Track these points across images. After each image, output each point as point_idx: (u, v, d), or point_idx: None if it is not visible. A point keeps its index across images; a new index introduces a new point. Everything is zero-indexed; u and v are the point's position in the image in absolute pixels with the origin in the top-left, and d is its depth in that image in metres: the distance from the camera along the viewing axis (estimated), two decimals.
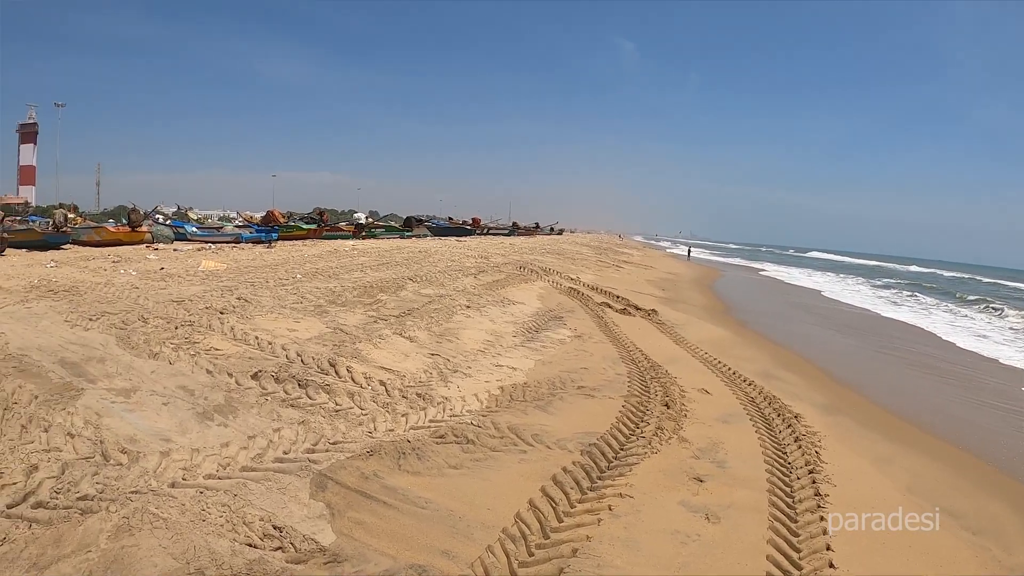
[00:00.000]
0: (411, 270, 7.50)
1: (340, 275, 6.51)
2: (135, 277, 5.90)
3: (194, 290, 5.10)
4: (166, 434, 2.34)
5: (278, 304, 4.66)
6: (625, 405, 3.00)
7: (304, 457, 2.27)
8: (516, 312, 5.73)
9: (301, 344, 3.63)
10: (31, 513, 1.68)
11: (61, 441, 2.11)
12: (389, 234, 16.86)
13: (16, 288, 4.73)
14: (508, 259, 10.12)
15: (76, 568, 1.49)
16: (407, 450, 2.42)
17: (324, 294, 5.27)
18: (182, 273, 6.25)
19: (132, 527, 1.69)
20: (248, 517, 1.83)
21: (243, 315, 4.19)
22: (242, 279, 5.91)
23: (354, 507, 1.99)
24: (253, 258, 8.28)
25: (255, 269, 6.83)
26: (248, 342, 3.59)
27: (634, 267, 14.08)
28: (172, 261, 7.64)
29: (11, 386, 2.43)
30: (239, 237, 12.05)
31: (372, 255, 9.38)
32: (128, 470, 2.02)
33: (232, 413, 2.60)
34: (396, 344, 4.07)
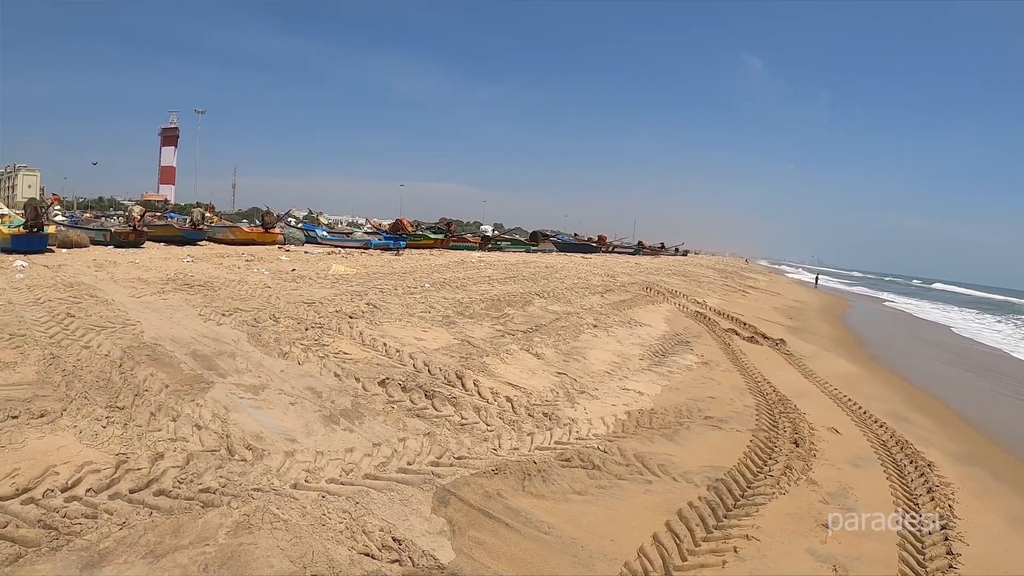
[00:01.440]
0: (538, 285, 15.16)
1: (468, 287, 13.58)
2: (267, 277, 13.03)
3: (324, 293, 11.09)
4: (292, 434, 4.98)
5: (407, 312, 9.84)
6: (753, 440, 6.11)
7: (428, 470, 4.64)
8: (643, 334, 11.30)
9: (428, 354, 7.55)
10: (153, 500, 3.81)
11: (188, 432, 4.76)
12: (515, 247, 36.97)
13: (153, 280, 11.71)
14: (634, 279, 20.22)
15: (192, 560, 3.28)
16: (532, 471, 4.81)
17: (452, 305, 10.88)
18: (313, 275, 13.81)
19: (252, 525, 3.62)
20: (368, 526, 3.77)
21: (372, 321, 8.93)
22: (371, 285, 12.68)
23: (475, 526, 4.02)
24: (382, 265, 18.06)
25: (384, 276, 14.72)
26: (376, 348, 7.57)
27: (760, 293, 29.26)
28: (303, 263, 17.01)
29: (143, 373, 5.83)
30: (368, 243, 27.73)
31: (499, 268, 19.62)
32: (252, 467, 4.36)
33: (358, 418, 5.46)
34: (523, 360, 8.02)
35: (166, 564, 3.25)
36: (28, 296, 8.92)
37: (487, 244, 34.69)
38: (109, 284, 10.78)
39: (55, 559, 3.21)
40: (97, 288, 10.12)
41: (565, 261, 27.68)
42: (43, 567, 3.14)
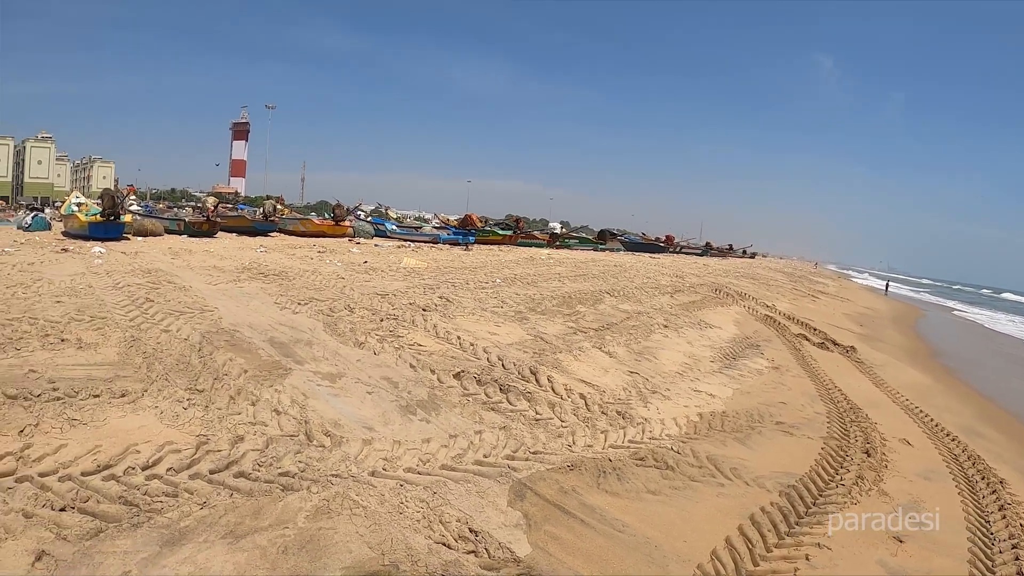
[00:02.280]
0: (608, 284, 15.66)
1: (538, 283, 14.02)
2: (340, 268, 13.45)
3: (397, 285, 11.56)
4: (369, 422, 5.20)
5: (479, 306, 10.14)
6: (824, 447, 6.28)
7: (504, 463, 4.78)
8: (713, 336, 11.65)
9: (502, 348, 7.82)
10: (233, 481, 3.99)
11: (267, 416, 4.99)
12: (583, 246, 38.19)
13: (229, 268, 12.41)
14: (703, 280, 20.61)
15: (271, 542, 3.42)
16: (607, 469, 4.95)
17: (524, 301, 11.19)
18: (384, 268, 13.86)
19: (331, 510, 3.77)
20: (445, 516, 3.90)
21: (445, 314, 9.26)
22: (443, 279, 13.13)
23: (551, 521, 4.14)
24: (452, 259, 18.72)
25: (455, 270, 15.28)
26: (451, 341, 7.86)
27: (830, 298, 29.86)
28: (374, 256, 17.07)
29: (222, 358, 6.12)
30: (437, 238, 28.81)
31: (568, 265, 20.18)
32: (330, 453, 4.54)
33: (435, 410, 5.67)
34: (595, 358, 8.25)
35: (245, 545, 3.36)
36: (107, 281, 9.38)
37: (555, 241, 35.47)
38: (186, 271, 11.29)
39: (135, 535, 3.33)
40: (174, 275, 10.56)
41: (633, 260, 28.02)
42: (123, 542, 3.27)
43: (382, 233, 29.87)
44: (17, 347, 5.82)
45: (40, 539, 3.23)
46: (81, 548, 3.20)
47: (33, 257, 12.13)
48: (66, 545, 3.21)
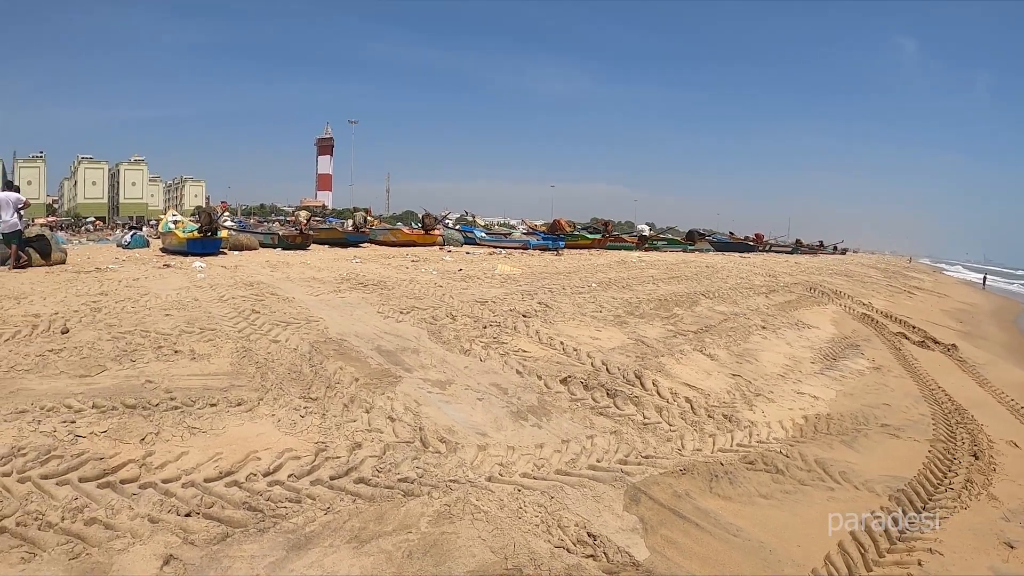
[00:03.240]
0: (702, 285, 15.65)
1: (633, 286, 14.18)
2: (436, 276, 13.80)
3: (495, 292, 11.85)
4: (482, 428, 5.31)
5: (578, 311, 10.29)
6: (931, 450, 6.32)
7: (617, 467, 4.87)
8: (811, 336, 11.69)
9: (605, 353, 7.93)
10: (354, 487, 4.12)
11: (382, 423, 5.14)
12: (672, 247, 37.73)
13: (328, 279, 12.78)
14: (796, 279, 20.63)
15: (396, 546, 3.53)
16: (719, 473, 5.03)
17: (621, 304, 11.36)
18: (479, 275, 14.13)
19: (453, 515, 3.87)
20: (564, 521, 3.97)
21: (546, 320, 9.45)
22: (539, 285, 13.39)
23: (667, 525, 4.21)
24: (544, 265, 19.12)
25: (549, 276, 15.58)
26: (554, 346, 8.02)
27: (926, 294, 29.82)
28: (467, 263, 17.42)
29: (333, 367, 6.39)
30: (527, 244, 29.10)
31: (660, 268, 20.29)
32: (446, 459, 4.67)
33: (545, 415, 5.77)
34: (697, 361, 8.33)
35: (370, 549, 3.46)
36: (212, 294, 9.80)
37: (644, 244, 35.44)
38: (286, 283, 11.74)
39: (262, 540, 3.45)
40: (276, 287, 11.00)
41: (724, 261, 27.69)
42: (250, 547, 3.39)
43: (471, 240, 30.38)
44: (132, 359, 6.14)
45: (167, 543, 3.37)
46: (209, 552, 3.32)
47: (137, 273, 12.79)
48: (193, 549, 3.34)
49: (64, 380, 5.62)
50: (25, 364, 6.05)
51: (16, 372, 5.85)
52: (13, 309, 8.63)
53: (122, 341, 6.68)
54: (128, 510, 3.66)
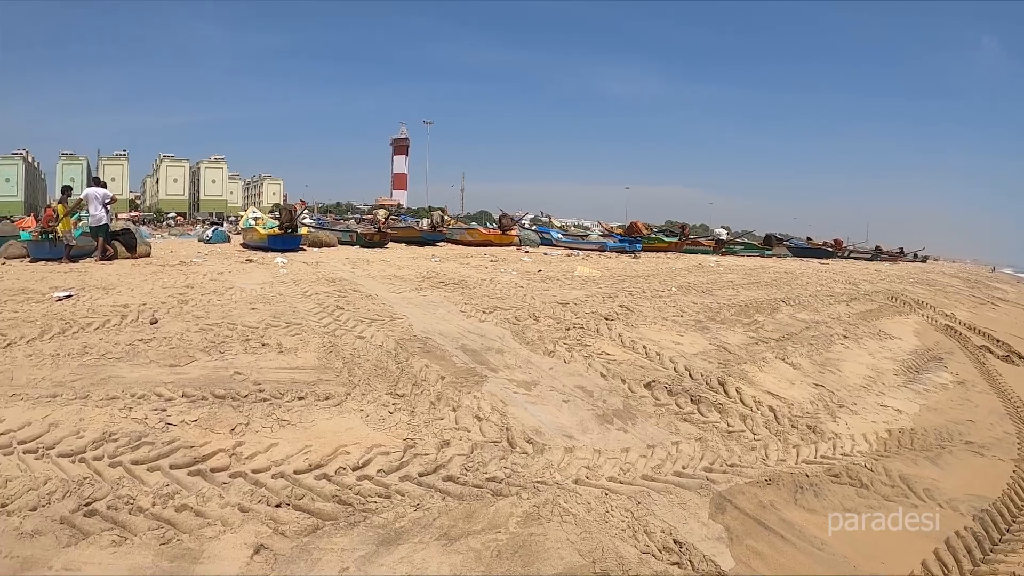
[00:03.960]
0: (782, 291, 15.43)
1: (713, 291, 14.05)
2: (516, 277, 14.02)
3: (576, 294, 11.94)
4: (568, 430, 5.36)
5: (659, 315, 10.31)
6: (1016, 470, 6.21)
7: (702, 475, 4.87)
8: (893, 347, 11.44)
9: (687, 358, 7.89)
10: (442, 485, 4.19)
11: (469, 422, 5.19)
12: (748, 251, 37.04)
13: (409, 277, 13.06)
14: (876, 287, 20.28)
15: (484, 546, 3.57)
16: (804, 484, 5.00)
17: (701, 309, 11.33)
18: (558, 276, 14.38)
19: (541, 516, 3.91)
20: (650, 527, 3.99)
21: (628, 323, 9.48)
22: (619, 287, 13.49)
23: (752, 535, 4.19)
24: (623, 267, 19.20)
25: (628, 278, 15.60)
26: (636, 350, 8.02)
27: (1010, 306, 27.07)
28: (546, 264, 17.71)
29: (418, 364, 6.48)
30: (604, 246, 28.84)
31: (738, 272, 20.01)
32: (533, 460, 4.72)
33: (631, 419, 5.79)
34: (779, 369, 8.26)
35: (459, 547, 3.49)
36: (296, 289, 10.08)
37: (721, 248, 35.08)
38: (368, 280, 12.00)
39: (352, 533, 3.51)
40: (358, 284, 11.25)
41: (803, 266, 27.20)
42: (340, 540, 3.45)
43: (547, 241, 30.63)
44: (220, 350, 6.33)
45: (258, 533, 3.45)
46: (299, 544, 3.39)
47: (221, 267, 13.26)
48: (284, 540, 3.41)
49: (154, 369, 5.82)
50: (116, 352, 6.28)
51: (107, 360, 6.07)
52: (102, 299, 9.00)
53: (210, 333, 6.90)
54: (219, 498, 3.76)
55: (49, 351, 6.36)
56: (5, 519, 3.50)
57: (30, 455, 4.19)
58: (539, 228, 36.27)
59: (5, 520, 3.49)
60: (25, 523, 3.46)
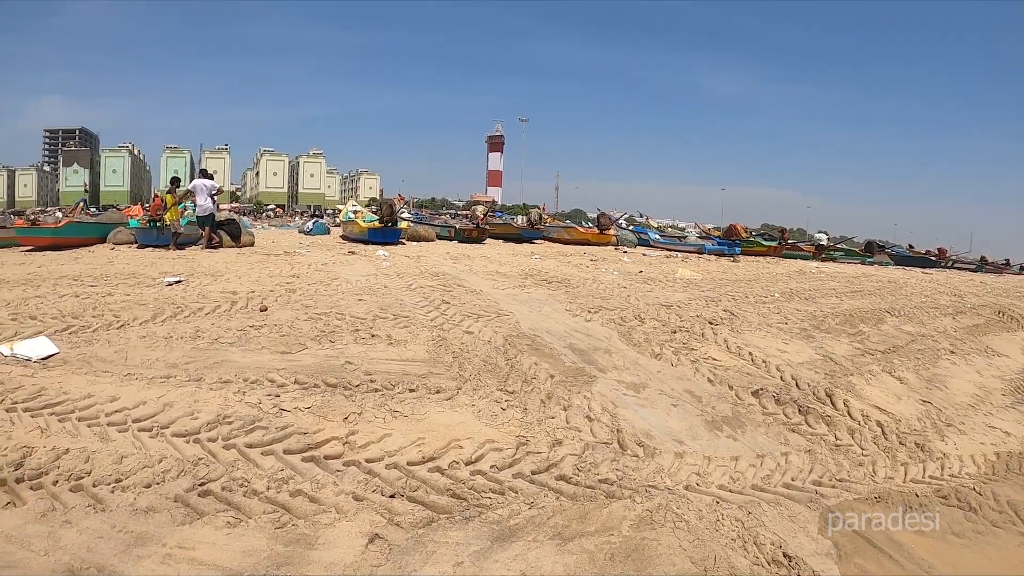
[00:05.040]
0: (886, 301, 14.82)
1: (816, 299, 13.59)
2: (618, 277, 14.09)
3: (679, 297, 11.68)
4: (678, 435, 5.34)
5: (763, 321, 10.11)
6: None
7: (811, 488, 4.79)
8: (1001, 366, 10.77)
9: (794, 367, 7.71)
10: (555, 484, 4.22)
11: (580, 422, 5.20)
12: (849, 258, 36.13)
13: (512, 274, 13.24)
14: (983, 300, 18.34)
15: (598, 547, 3.59)
16: (913, 504, 4.86)
17: (806, 317, 10.99)
18: (659, 278, 14.42)
19: (654, 521, 3.92)
20: (760, 538, 3.95)
21: (733, 328, 9.29)
22: (721, 291, 13.14)
23: (860, 553, 4.10)
24: (723, 271, 18.71)
25: (729, 282, 15.27)
26: (743, 356, 7.87)
27: None
28: (646, 265, 17.77)
29: (527, 362, 6.52)
30: (702, 248, 28.71)
31: (840, 280, 19.22)
32: (644, 463, 4.71)
33: (740, 427, 5.72)
34: (886, 383, 7.95)
35: (573, 548, 3.50)
36: (400, 282, 10.32)
37: (820, 253, 34.08)
38: (470, 276, 12.18)
39: (467, 528, 3.56)
40: (461, 279, 11.43)
41: (905, 275, 26.00)
42: (455, 534, 3.49)
43: (644, 242, 30.54)
44: (331, 340, 6.50)
45: (372, 522, 3.52)
46: (414, 535, 3.44)
47: (324, 258, 13.70)
48: (399, 531, 3.47)
49: (266, 355, 6.02)
50: (227, 337, 6.51)
51: (219, 344, 6.30)
52: (211, 285, 9.37)
53: (319, 322, 7.10)
54: (333, 486, 3.85)
55: (162, 333, 6.66)
56: (120, 494, 3.66)
57: (144, 433, 4.39)
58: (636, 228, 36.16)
59: (120, 495, 3.65)
60: (139, 499, 3.61)
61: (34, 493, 3.64)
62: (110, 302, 8.13)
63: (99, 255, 14.15)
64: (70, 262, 12.69)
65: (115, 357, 5.91)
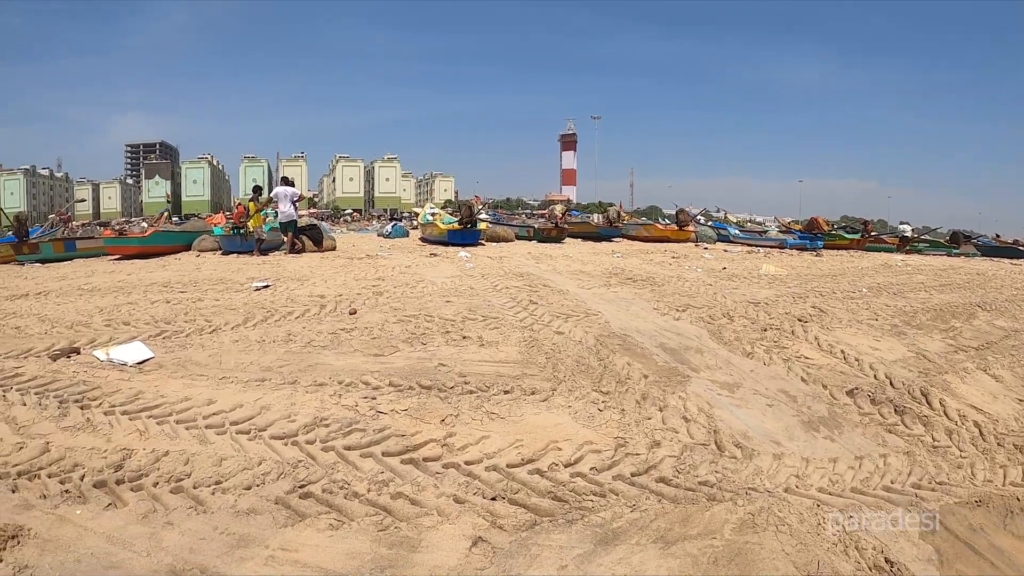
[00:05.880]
0: (976, 295, 14.34)
1: (905, 293, 13.34)
2: (702, 274, 14.00)
3: (765, 293, 11.49)
4: (775, 436, 5.17)
5: (853, 318, 9.84)
6: None
7: (911, 491, 4.57)
8: None
9: (887, 365, 7.40)
10: (655, 486, 4.08)
11: (677, 423, 5.12)
12: (934, 250, 34.91)
13: (595, 273, 13.32)
14: None
15: (701, 551, 3.46)
16: (1015, 509, 4.56)
17: (896, 313, 10.76)
18: (744, 275, 14.23)
19: (756, 524, 3.78)
20: (861, 543, 3.79)
21: (823, 325, 9.08)
22: (808, 287, 13.04)
23: (962, 559, 3.90)
24: (807, 265, 18.52)
25: (815, 278, 15.12)
26: (835, 354, 7.63)
27: None
28: (729, 262, 17.63)
29: (620, 362, 6.48)
30: (784, 242, 27.90)
31: (928, 273, 18.86)
32: (742, 465, 4.56)
33: (837, 428, 5.52)
34: (981, 381, 7.57)
35: (676, 551, 3.46)
36: (485, 283, 10.44)
37: (905, 245, 33.32)
38: (554, 275, 12.22)
39: (570, 531, 3.52)
40: (545, 279, 11.49)
41: (994, 267, 25.07)
42: (558, 537, 3.46)
43: (724, 238, 30.34)
44: (423, 342, 6.59)
45: (475, 525, 3.51)
46: (517, 539, 3.42)
47: (407, 261, 13.97)
48: (502, 534, 3.46)
49: (359, 358, 6.12)
50: (320, 341, 6.65)
51: (312, 347, 6.44)
52: (298, 290, 9.60)
53: (409, 324, 7.20)
54: (433, 488, 3.87)
55: (254, 337, 6.84)
56: (221, 496, 3.74)
57: (243, 436, 4.49)
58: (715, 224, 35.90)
59: (221, 497, 3.73)
60: (240, 501, 3.68)
61: (135, 495, 3.75)
62: (201, 307, 8.42)
63: (186, 262, 14.70)
64: (158, 269, 13.23)
65: (209, 361, 6.09)
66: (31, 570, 3.06)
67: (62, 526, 3.45)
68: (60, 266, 15.55)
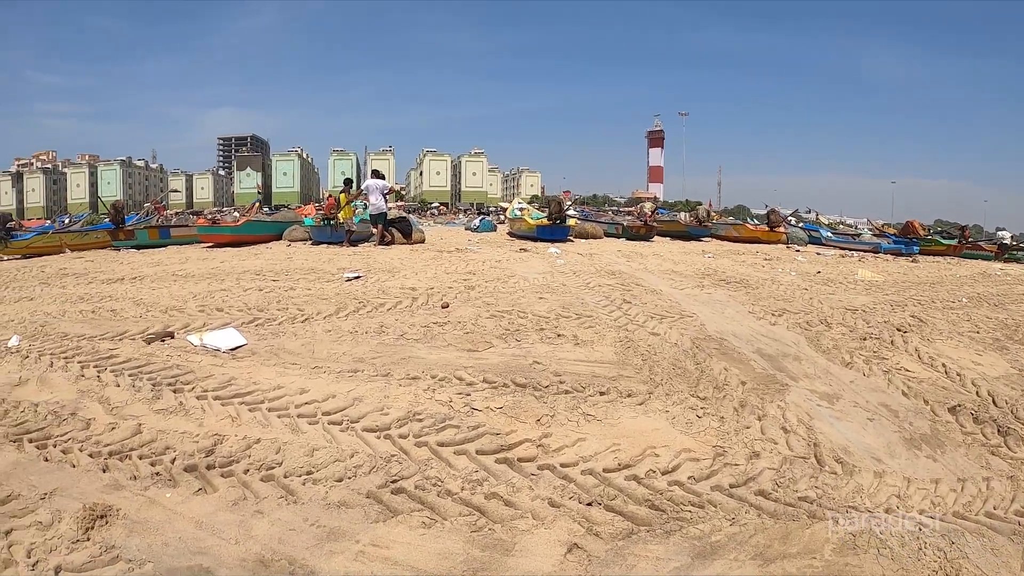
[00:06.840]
0: None
1: (1006, 304, 12.19)
2: (796, 278, 13.62)
3: (862, 300, 11.07)
4: (876, 452, 4.88)
5: (953, 330, 9.23)
6: None
7: (1015, 519, 4.22)
8: None
9: (990, 382, 6.91)
10: (755, 500, 3.86)
11: (776, 434, 4.80)
12: None
13: (687, 273, 13.09)
14: None
15: (799, 570, 3.29)
16: None
17: (997, 325, 9.97)
18: (838, 279, 14.03)
19: (857, 546, 3.57)
20: (962, 571, 3.53)
21: (923, 336, 8.55)
22: (906, 295, 12.22)
23: None
24: (904, 272, 17.49)
25: (912, 285, 14.24)
26: (936, 368, 7.16)
27: None
28: (823, 265, 17.18)
29: (717, 366, 6.18)
30: (878, 247, 26.25)
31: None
32: (842, 481, 4.31)
33: (939, 447, 5.19)
34: None
35: (775, 570, 3.33)
36: (577, 280, 10.39)
37: (1004, 253, 31.24)
38: (646, 274, 12.11)
39: (668, 542, 3.42)
40: (638, 277, 11.39)
41: None
42: (656, 548, 3.37)
43: (816, 240, 29.50)
44: (517, 338, 6.56)
45: (570, 531, 3.44)
46: (614, 547, 3.34)
47: (497, 255, 14.07)
48: (598, 542, 3.38)
49: (452, 352, 6.13)
50: (412, 333, 6.70)
51: (405, 340, 6.48)
52: (389, 281, 9.73)
53: (503, 320, 7.19)
54: (528, 490, 3.80)
55: (347, 328, 6.93)
56: (312, 487, 3.75)
57: (335, 427, 4.52)
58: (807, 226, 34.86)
59: (312, 488, 3.74)
60: (331, 493, 3.69)
61: (225, 481, 3.80)
62: (293, 296, 8.62)
63: (277, 252, 15.11)
64: (250, 258, 13.65)
65: (302, 350, 6.19)
66: (118, 550, 3.12)
67: (151, 508, 3.52)
68: (154, 252, 16.21)
